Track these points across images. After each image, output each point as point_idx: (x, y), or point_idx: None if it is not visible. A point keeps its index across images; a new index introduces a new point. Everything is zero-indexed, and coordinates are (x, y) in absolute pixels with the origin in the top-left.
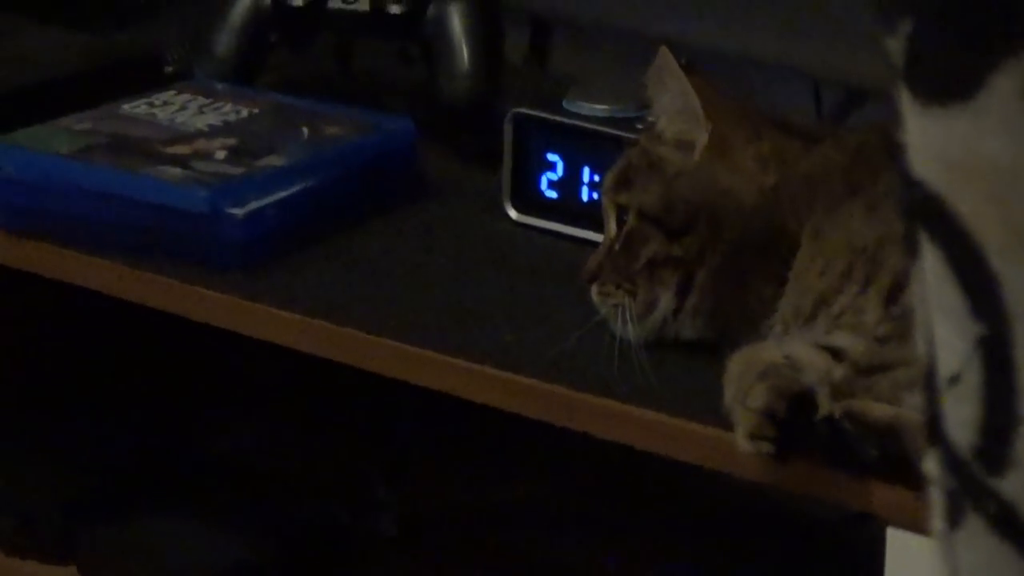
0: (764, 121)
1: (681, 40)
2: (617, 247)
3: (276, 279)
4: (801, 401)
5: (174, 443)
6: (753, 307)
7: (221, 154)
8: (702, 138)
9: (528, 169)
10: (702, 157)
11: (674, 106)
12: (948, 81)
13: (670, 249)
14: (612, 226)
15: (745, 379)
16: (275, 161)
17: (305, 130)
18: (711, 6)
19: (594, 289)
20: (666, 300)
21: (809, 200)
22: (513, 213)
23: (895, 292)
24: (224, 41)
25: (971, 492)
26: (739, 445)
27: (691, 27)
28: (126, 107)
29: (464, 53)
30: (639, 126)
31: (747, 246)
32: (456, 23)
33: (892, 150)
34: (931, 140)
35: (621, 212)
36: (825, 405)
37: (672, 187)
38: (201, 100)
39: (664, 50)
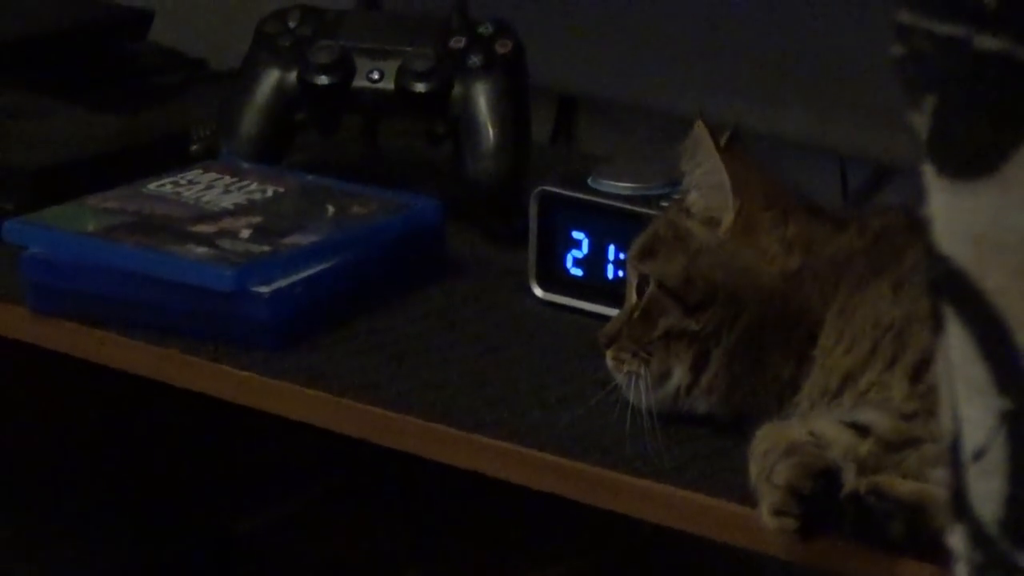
0: (792, 204)
1: (709, 118)
2: (636, 315)
3: (303, 357)
4: (826, 477)
5: (200, 523)
6: (771, 387)
7: (246, 233)
8: (729, 216)
9: (554, 247)
10: (727, 235)
11: (705, 181)
12: (973, 155)
13: (687, 323)
14: (633, 294)
15: (770, 456)
16: (301, 240)
17: (331, 209)
18: (738, 85)
19: (609, 354)
20: (680, 373)
21: (834, 282)
22: (539, 291)
23: (921, 369)
24: (250, 120)
25: (998, 567)
26: (764, 521)
27: (717, 106)
28: (152, 186)
29: (490, 132)
30: (664, 204)
31: (766, 327)
32: (482, 102)
33: (916, 229)
34: (957, 215)
35: (643, 281)
36: (850, 481)
37: (695, 262)
38: (227, 179)
39: (700, 124)
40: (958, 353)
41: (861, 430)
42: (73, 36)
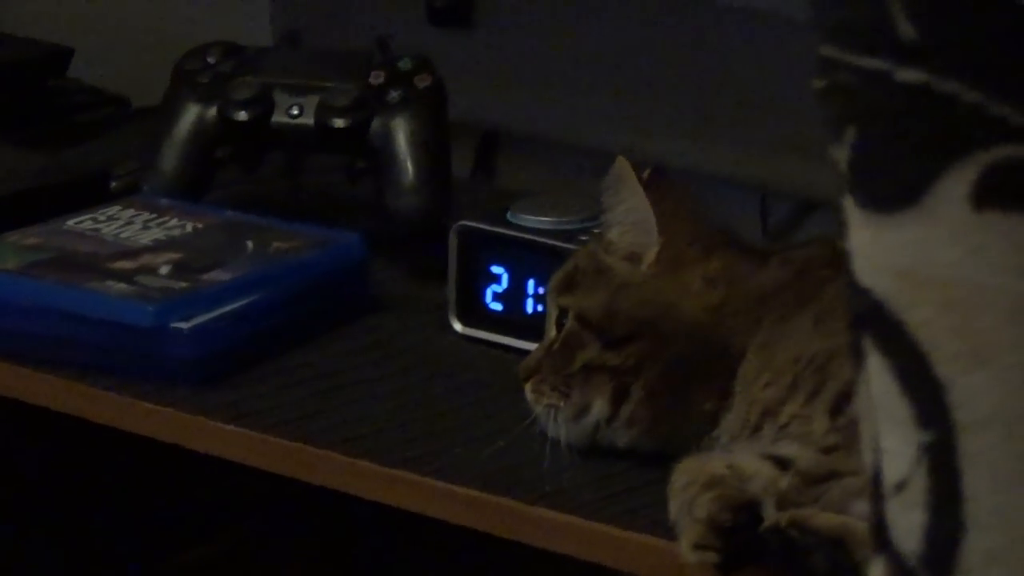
0: (715, 239)
1: (627, 154)
2: (555, 348)
3: (224, 394)
4: (747, 511)
5: (125, 561)
6: (691, 421)
7: (166, 269)
8: (652, 252)
9: (473, 282)
10: (650, 271)
11: (628, 217)
12: (894, 188)
13: (607, 357)
14: (552, 327)
15: (691, 489)
16: (221, 276)
17: (252, 245)
18: (658, 120)
19: (529, 387)
20: (600, 407)
21: (755, 316)
22: (459, 326)
23: (841, 402)
24: (170, 157)
25: None
26: (685, 556)
27: (638, 141)
28: (72, 222)
29: (410, 167)
30: (583, 238)
31: (686, 362)
32: (402, 136)
33: (838, 263)
34: (878, 248)
35: (562, 314)
36: (771, 515)
37: (616, 297)
38: (147, 215)
39: (621, 160)
40: (879, 386)
41: (782, 463)
42: None
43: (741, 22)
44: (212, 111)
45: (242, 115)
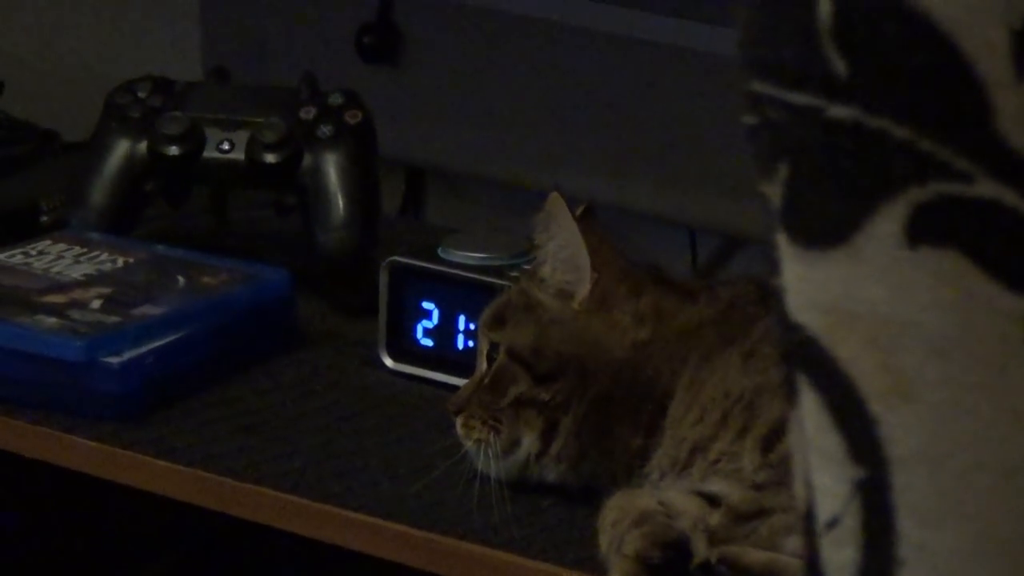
0: (645, 277)
1: (557, 190)
2: (486, 382)
3: (154, 428)
4: (676, 547)
5: None
6: (620, 457)
7: (97, 303)
8: (584, 289)
9: (404, 317)
10: (581, 307)
11: (560, 254)
12: (825, 225)
13: (537, 392)
14: (483, 362)
15: (620, 525)
16: (151, 310)
17: (181, 279)
18: (587, 156)
19: (459, 421)
20: (529, 441)
21: (683, 353)
22: (389, 361)
23: (772, 439)
24: (99, 191)
25: None
26: None
27: (567, 177)
28: (1, 256)
29: (340, 203)
30: (514, 274)
31: (615, 398)
32: (332, 172)
33: (766, 300)
34: (809, 284)
35: (493, 349)
36: (701, 551)
37: (545, 333)
38: (77, 250)
39: (556, 196)
40: (812, 422)
41: (711, 500)
42: None
43: (668, 58)
44: (142, 146)
45: (173, 150)
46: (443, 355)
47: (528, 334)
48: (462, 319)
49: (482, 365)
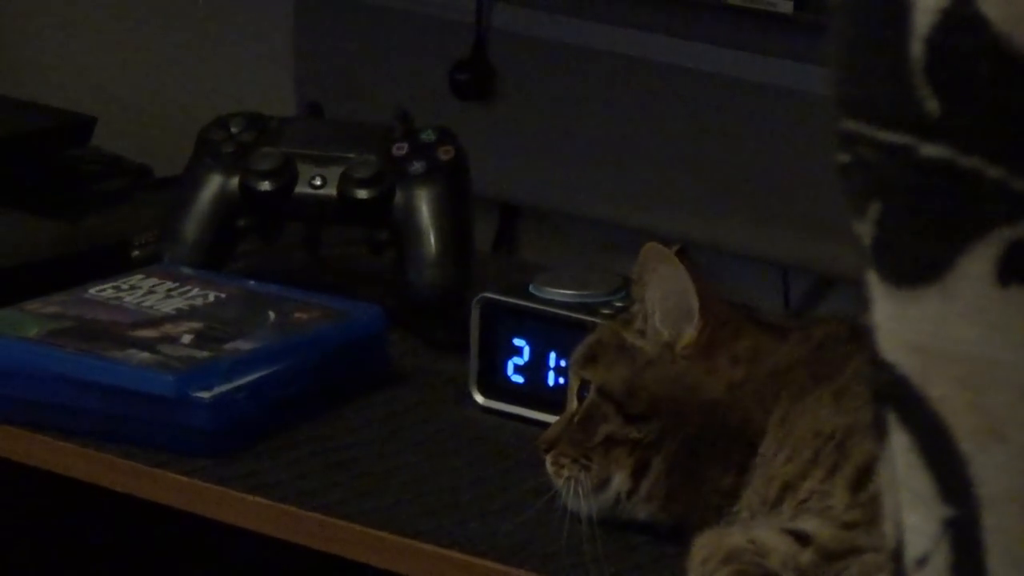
0: (741, 318)
1: (649, 229)
2: (576, 420)
3: (244, 464)
4: None
5: None
6: (711, 496)
7: (188, 338)
8: (689, 335)
9: (495, 354)
10: (683, 352)
11: (666, 303)
12: (916, 264)
13: (628, 431)
14: (574, 400)
15: (709, 563)
16: (242, 346)
17: (273, 315)
18: (679, 196)
19: (549, 460)
20: (620, 480)
21: (775, 392)
22: (480, 398)
23: (862, 478)
24: (191, 226)
25: None
26: None
27: (659, 216)
28: (93, 291)
29: (432, 240)
30: (606, 312)
31: (707, 438)
32: (424, 209)
33: (857, 339)
34: (900, 323)
35: (583, 387)
36: None
37: (640, 374)
38: (168, 284)
39: (651, 245)
40: (902, 461)
41: (801, 538)
42: (15, 141)
43: (760, 96)
44: (234, 181)
45: (265, 185)
46: (534, 392)
47: (620, 374)
48: (553, 356)
49: (572, 403)
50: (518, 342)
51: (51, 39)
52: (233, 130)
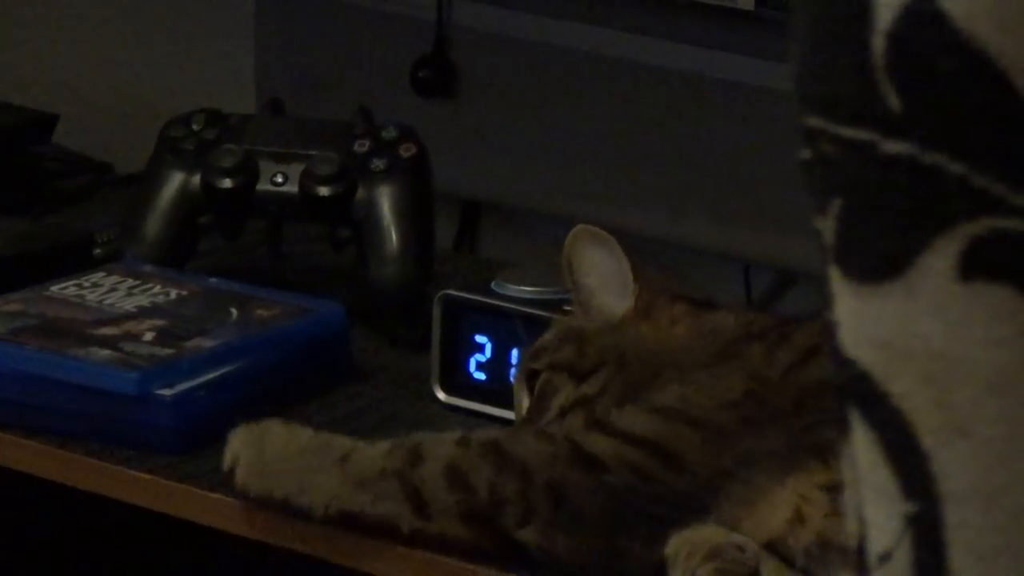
0: (676, 289)
1: (609, 225)
2: (532, 405)
3: (206, 461)
4: None
5: None
6: None
7: (150, 336)
8: (628, 305)
9: (457, 351)
10: (626, 315)
11: (601, 279)
12: (878, 260)
13: (580, 393)
14: (524, 400)
15: (693, 559)
16: (204, 343)
17: (235, 312)
18: (641, 192)
19: None
20: None
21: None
22: (442, 395)
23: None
24: (153, 224)
25: None
26: None
27: (620, 213)
28: (55, 288)
29: (394, 236)
30: (567, 308)
31: (645, 383)
32: (386, 206)
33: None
34: (862, 320)
35: (532, 376)
36: None
37: (587, 340)
38: (130, 282)
39: (581, 226)
40: (864, 457)
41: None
42: None
43: (721, 93)
44: (196, 178)
45: (226, 183)
46: (497, 389)
47: (569, 348)
48: (515, 353)
49: (523, 406)
50: (480, 339)
51: (12, 36)
52: (194, 127)
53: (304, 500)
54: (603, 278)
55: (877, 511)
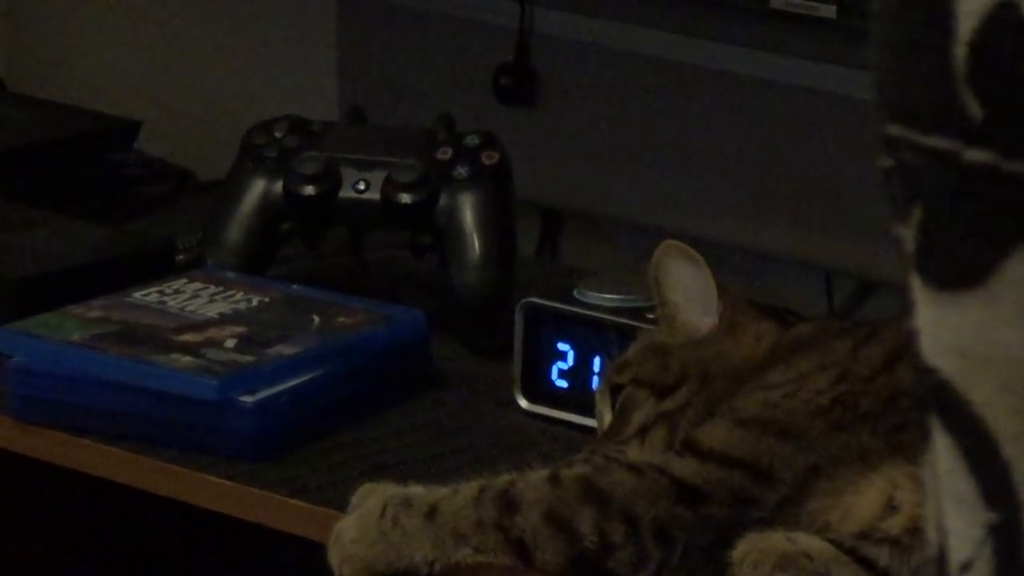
0: (758, 307)
1: (689, 233)
2: (613, 419)
3: (286, 469)
4: None
5: None
6: None
7: (231, 342)
8: (712, 323)
9: (539, 358)
10: (710, 332)
11: (687, 296)
12: (959, 268)
13: (661, 408)
14: (606, 414)
15: (762, 568)
16: (285, 350)
17: (316, 320)
18: (722, 200)
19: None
20: None
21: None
22: (524, 403)
23: None
24: (235, 231)
25: None
26: None
27: (700, 221)
28: (137, 295)
29: (476, 244)
30: (649, 316)
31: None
32: (468, 213)
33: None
34: (943, 328)
35: (616, 391)
36: None
37: (671, 355)
38: (212, 289)
39: (670, 242)
40: (944, 465)
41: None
42: (61, 146)
43: (802, 101)
44: (278, 185)
45: (308, 190)
46: (578, 397)
47: (653, 363)
48: (597, 360)
49: (605, 419)
50: (562, 346)
51: (96, 45)
52: (276, 134)
53: (404, 564)
54: (689, 294)
55: (958, 520)
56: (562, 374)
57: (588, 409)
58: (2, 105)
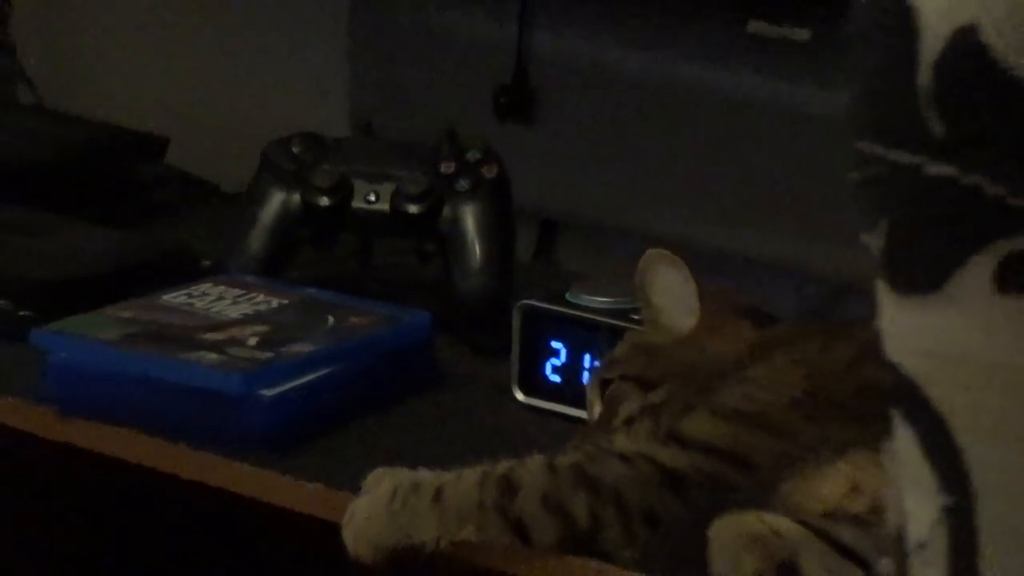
0: (739, 307)
1: (675, 239)
2: (601, 411)
3: (303, 457)
4: (791, 569)
5: None
6: None
7: (253, 341)
8: (692, 324)
9: (534, 355)
10: (690, 333)
11: (671, 298)
12: (921, 273)
13: (646, 402)
14: (596, 406)
15: (735, 545)
16: (302, 348)
17: (331, 320)
18: (704, 209)
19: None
20: None
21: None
22: (520, 396)
23: None
24: (256, 238)
25: None
26: None
27: (685, 228)
28: (166, 297)
29: (477, 251)
30: (635, 317)
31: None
32: (470, 222)
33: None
34: (906, 328)
35: (604, 386)
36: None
37: (657, 352)
38: (236, 291)
39: (655, 250)
40: (905, 454)
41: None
42: (96, 159)
43: (781, 120)
44: (295, 197)
45: (323, 201)
46: (570, 390)
47: (639, 360)
48: (587, 357)
49: (595, 409)
50: (556, 344)
51: (127, 63)
52: (294, 149)
53: (413, 541)
54: (671, 298)
55: (916, 503)
56: (556, 370)
57: (579, 402)
58: (41, 121)
